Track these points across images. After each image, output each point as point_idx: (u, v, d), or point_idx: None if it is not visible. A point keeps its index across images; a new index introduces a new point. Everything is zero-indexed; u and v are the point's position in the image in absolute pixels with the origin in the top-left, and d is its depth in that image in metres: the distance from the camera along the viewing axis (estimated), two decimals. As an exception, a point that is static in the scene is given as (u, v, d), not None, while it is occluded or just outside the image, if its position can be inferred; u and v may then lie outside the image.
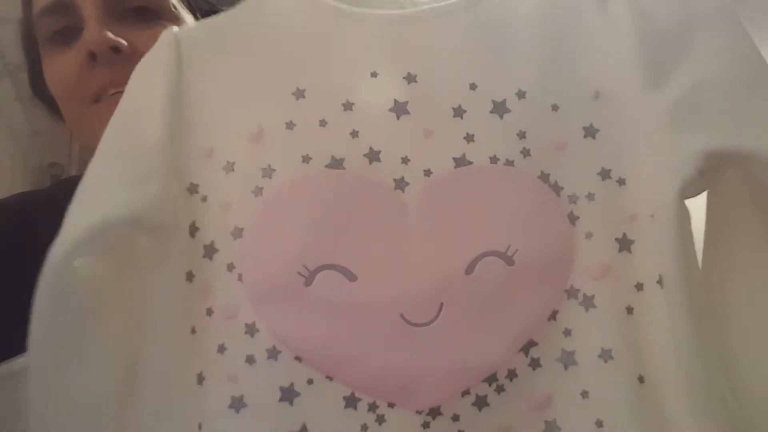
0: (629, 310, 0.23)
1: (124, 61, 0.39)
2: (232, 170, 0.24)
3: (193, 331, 0.23)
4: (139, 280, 0.25)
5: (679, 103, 0.23)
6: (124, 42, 0.40)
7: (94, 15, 0.40)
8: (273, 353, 0.22)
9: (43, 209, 0.45)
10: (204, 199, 0.24)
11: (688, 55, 0.24)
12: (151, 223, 0.23)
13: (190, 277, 0.24)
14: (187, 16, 0.45)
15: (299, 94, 0.25)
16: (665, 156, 0.23)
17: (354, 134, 0.24)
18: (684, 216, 0.22)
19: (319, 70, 0.25)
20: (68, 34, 0.41)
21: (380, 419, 0.22)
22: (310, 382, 0.22)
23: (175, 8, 0.44)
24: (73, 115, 0.43)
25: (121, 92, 0.39)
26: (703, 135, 0.22)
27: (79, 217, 0.23)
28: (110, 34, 0.40)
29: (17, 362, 0.35)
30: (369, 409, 0.22)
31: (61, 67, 0.41)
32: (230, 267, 0.23)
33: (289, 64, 0.25)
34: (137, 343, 0.25)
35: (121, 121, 0.25)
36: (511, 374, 0.23)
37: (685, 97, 0.23)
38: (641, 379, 0.22)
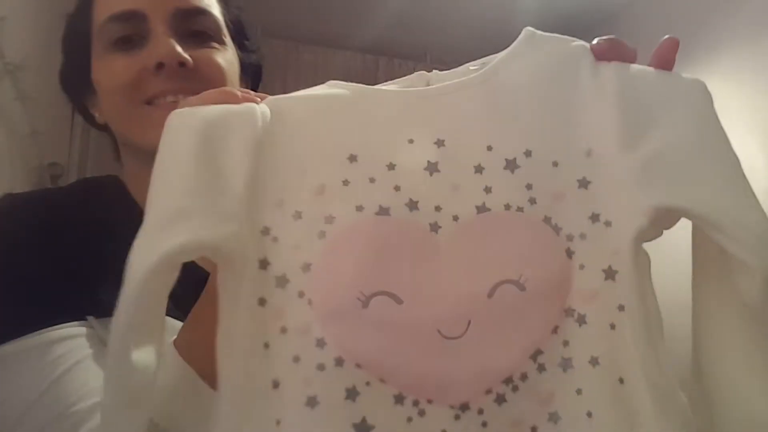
0: (612, 326, 0.29)
1: (185, 74, 0.45)
2: (300, 218, 0.29)
3: (266, 345, 0.28)
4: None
5: (643, 165, 0.29)
6: (190, 60, 0.46)
7: (162, 30, 0.46)
8: (339, 362, 0.27)
9: (65, 208, 0.49)
10: (275, 240, 0.29)
11: (658, 124, 0.29)
12: (225, 254, 0.28)
13: (262, 302, 0.28)
14: (230, 43, 0.52)
15: (352, 158, 0.30)
16: (627, 207, 0.29)
17: (397, 188, 0.30)
18: (640, 256, 0.28)
19: (368, 139, 0.31)
20: (131, 41, 0.46)
21: (422, 413, 0.28)
22: (368, 384, 0.27)
23: (225, 36, 0.51)
24: (120, 112, 0.48)
25: (176, 101, 0.45)
26: (654, 193, 0.28)
27: (168, 235, 0.27)
28: (181, 50, 0.46)
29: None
30: (413, 405, 0.28)
31: (121, 68, 0.46)
32: (301, 294, 0.29)
33: (342, 134, 0.31)
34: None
35: (204, 157, 0.29)
36: (523, 376, 0.29)
37: (648, 160, 0.29)
38: (621, 381, 0.28)
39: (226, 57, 0.50)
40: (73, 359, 0.39)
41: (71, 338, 0.40)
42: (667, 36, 0.31)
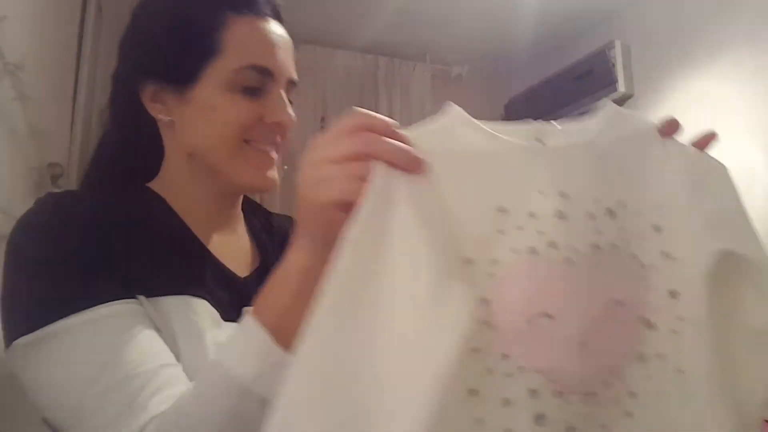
0: (674, 331, 0.40)
1: (283, 132, 0.60)
2: (472, 263, 0.37)
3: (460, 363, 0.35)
4: None
5: (710, 220, 0.41)
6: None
7: (279, 92, 0.58)
8: (522, 370, 0.37)
9: (113, 204, 0.56)
10: None
11: (709, 191, 0.42)
12: None
13: None
14: None
15: (502, 210, 0.38)
16: (696, 248, 0.40)
17: (540, 233, 0.39)
18: (709, 285, 0.39)
19: (510, 193, 0.39)
20: (253, 89, 0.57)
21: (567, 401, 0.38)
22: (542, 384, 0.37)
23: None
24: (221, 141, 0.57)
25: (269, 150, 0.60)
26: (719, 241, 0.40)
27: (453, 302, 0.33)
28: (293, 118, 0.59)
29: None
30: (562, 395, 0.37)
31: (244, 111, 0.56)
32: (485, 322, 0.37)
33: (489, 189, 0.39)
34: None
35: (418, 233, 0.34)
36: (619, 369, 0.40)
37: (710, 217, 0.41)
38: (680, 371, 0.40)
39: None
40: (131, 330, 0.46)
41: (126, 313, 0.47)
42: (709, 131, 0.45)
